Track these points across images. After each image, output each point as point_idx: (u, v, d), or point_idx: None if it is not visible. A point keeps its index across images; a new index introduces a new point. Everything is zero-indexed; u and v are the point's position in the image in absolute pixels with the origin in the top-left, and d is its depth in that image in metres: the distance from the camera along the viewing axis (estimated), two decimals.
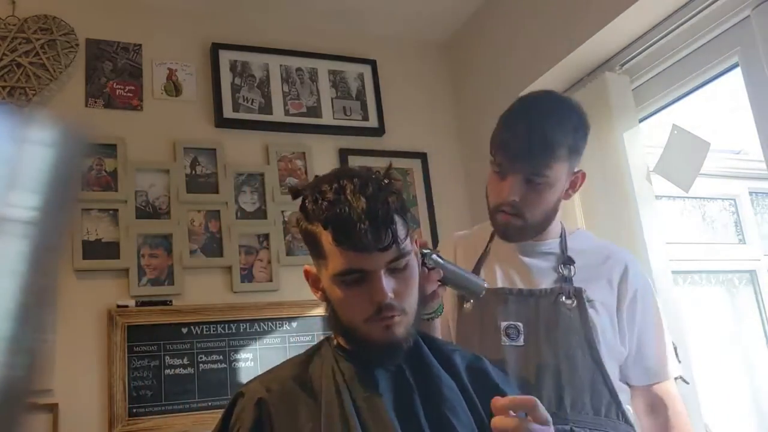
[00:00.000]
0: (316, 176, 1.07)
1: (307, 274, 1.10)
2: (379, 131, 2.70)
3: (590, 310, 1.34)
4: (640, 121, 2.18)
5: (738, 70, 1.89)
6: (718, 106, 2.67)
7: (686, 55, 2.04)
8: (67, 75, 2.28)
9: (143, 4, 2.47)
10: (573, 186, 1.40)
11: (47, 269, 0.53)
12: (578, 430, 1.27)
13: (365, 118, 2.70)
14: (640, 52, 2.13)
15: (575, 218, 2.31)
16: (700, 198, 3.08)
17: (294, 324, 2.33)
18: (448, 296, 1.40)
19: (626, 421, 1.33)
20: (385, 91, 2.75)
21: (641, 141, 2.13)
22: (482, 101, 2.69)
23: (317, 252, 1.02)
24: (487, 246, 1.48)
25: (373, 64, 2.77)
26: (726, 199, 3.14)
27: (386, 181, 1.01)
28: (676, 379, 1.46)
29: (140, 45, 2.44)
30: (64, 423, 1.97)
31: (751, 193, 3.16)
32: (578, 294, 1.35)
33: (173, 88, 2.45)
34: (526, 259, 1.42)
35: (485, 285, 1.27)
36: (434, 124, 2.83)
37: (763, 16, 1.77)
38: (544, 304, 1.35)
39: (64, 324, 2.00)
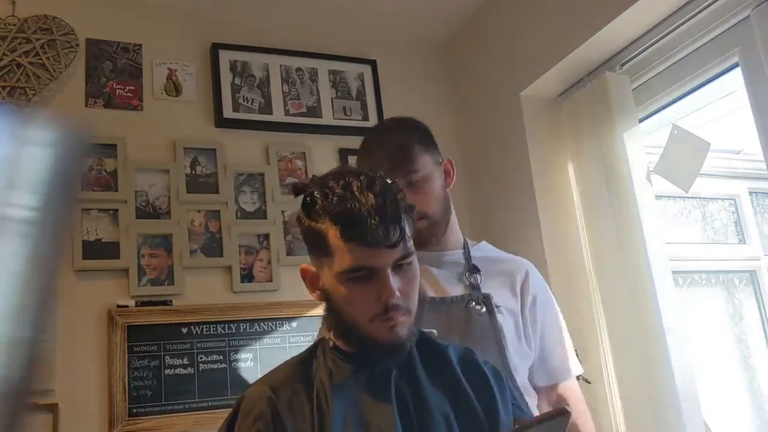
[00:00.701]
0: (314, 175, 1.06)
1: (304, 272, 1.08)
2: None
3: (498, 315, 1.41)
4: (640, 121, 2.18)
5: (738, 70, 1.89)
6: (718, 106, 2.67)
7: (686, 55, 2.04)
8: (67, 75, 2.28)
9: (143, 4, 2.47)
10: (448, 174, 1.54)
11: (47, 269, 0.53)
12: None
13: (365, 118, 2.70)
14: (640, 52, 2.13)
15: (575, 218, 2.32)
16: (700, 198, 3.08)
17: (294, 324, 2.33)
18: None
19: None
20: (385, 91, 2.75)
21: (641, 141, 2.13)
22: (482, 101, 2.70)
23: (321, 250, 1.01)
24: None
25: (373, 64, 2.77)
26: (726, 199, 3.14)
27: (390, 180, 1.01)
28: (578, 379, 1.54)
29: (140, 45, 2.44)
30: (64, 423, 1.97)
31: (751, 193, 3.16)
32: (487, 300, 1.42)
33: (173, 88, 2.45)
34: (433, 269, 1.47)
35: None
36: (434, 124, 2.81)
37: (763, 16, 1.77)
38: (456, 311, 1.41)
39: (64, 324, 2.00)
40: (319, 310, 2.40)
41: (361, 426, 0.97)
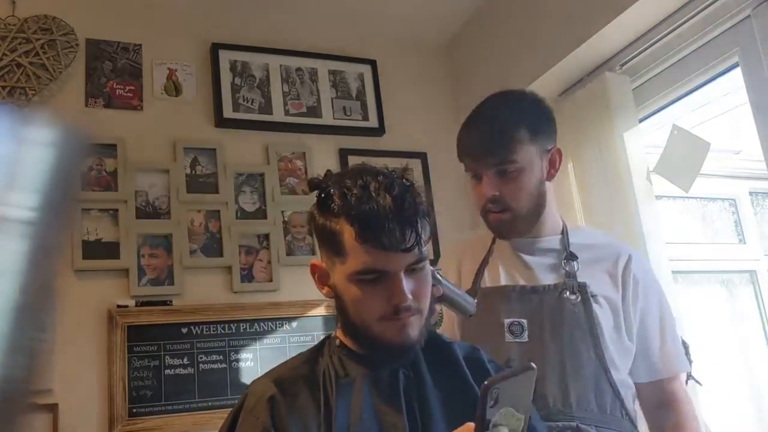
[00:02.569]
0: (329, 171, 1.05)
1: (314, 268, 1.07)
2: (379, 131, 2.70)
3: (594, 305, 1.34)
4: (640, 121, 2.18)
5: (738, 70, 1.89)
6: (718, 106, 2.67)
7: (686, 55, 2.04)
8: (67, 75, 2.28)
9: (143, 4, 2.47)
10: (552, 165, 1.41)
11: (47, 269, 0.53)
12: (584, 427, 1.26)
13: (365, 118, 2.70)
14: (640, 52, 2.13)
15: (575, 218, 2.32)
16: (700, 198, 3.08)
17: (294, 324, 2.33)
18: None
19: (630, 419, 1.33)
20: (385, 91, 2.75)
21: (641, 141, 2.13)
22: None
23: (335, 248, 1.00)
24: (490, 248, 1.48)
25: (373, 64, 2.77)
26: (726, 199, 3.14)
27: (408, 183, 1.00)
28: (688, 379, 1.44)
29: (140, 45, 2.44)
30: (64, 423, 1.97)
31: (751, 193, 3.16)
32: (582, 289, 1.34)
33: (173, 88, 2.45)
34: (527, 257, 1.41)
35: (475, 307, 1.28)
36: (434, 124, 2.83)
37: (763, 16, 1.77)
38: (548, 300, 1.35)
39: (64, 324, 2.00)
40: (320, 310, 2.41)
41: (368, 425, 0.96)
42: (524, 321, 1.34)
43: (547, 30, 2.33)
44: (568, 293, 1.34)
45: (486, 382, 0.77)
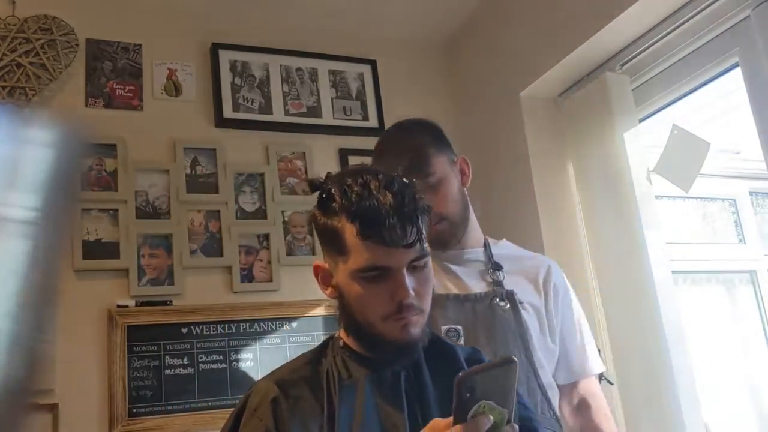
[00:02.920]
0: (329, 173, 1.06)
1: (317, 269, 1.07)
2: (379, 131, 2.70)
3: (522, 311, 1.42)
4: (640, 121, 2.17)
5: (738, 70, 1.89)
6: (718, 106, 2.67)
7: (686, 55, 2.04)
8: (67, 75, 2.28)
9: (143, 4, 2.47)
10: (464, 172, 1.52)
11: (47, 269, 0.53)
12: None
13: (365, 118, 2.70)
14: (640, 52, 2.13)
15: (575, 218, 2.32)
16: (700, 198, 3.09)
17: (294, 324, 2.33)
18: None
19: (556, 419, 1.40)
20: (385, 91, 2.75)
21: (641, 141, 2.13)
22: (482, 101, 2.69)
23: (337, 247, 1.00)
24: None
25: (373, 64, 2.77)
26: (726, 199, 3.14)
27: (408, 181, 1.01)
28: (600, 379, 1.54)
29: (140, 45, 2.44)
30: (64, 423, 1.97)
31: (751, 193, 3.16)
32: (510, 296, 1.43)
33: (173, 88, 2.45)
34: (456, 267, 1.48)
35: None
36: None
37: (763, 16, 1.77)
38: (480, 307, 1.42)
39: (64, 324, 2.00)
40: (320, 310, 2.41)
41: (370, 427, 0.96)
42: (460, 327, 1.40)
43: (547, 30, 2.33)
44: (498, 300, 1.42)
45: (459, 375, 0.77)
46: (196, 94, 2.48)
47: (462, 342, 1.38)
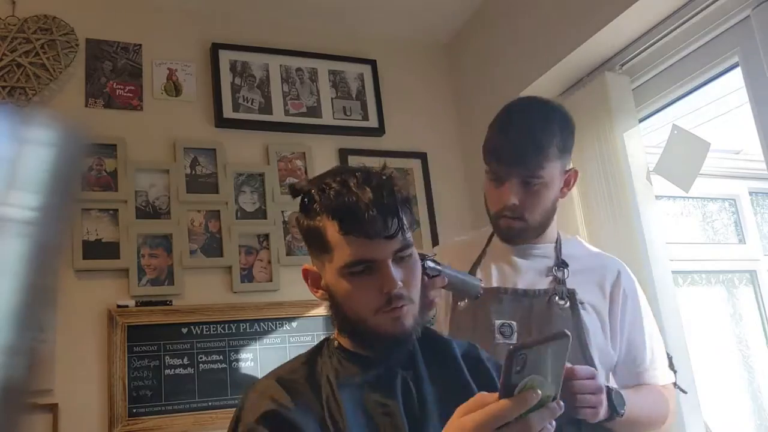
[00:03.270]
0: (308, 178, 1.07)
1: (306, 273, 1.08)
2: (379, 131, 2.70)
3: (582, 312, 1.38)
4: (640, 121, 2.18)
5: (738, 70, 1.89)
6: (718, 106, 2.67)
7: (686, 55, 2.04)
8: (67, 75, 2.28)
9: (143, 4, 2.47)
10: (567, 184, 1.45)
11: (47, 269, 0.53)
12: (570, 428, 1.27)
13: (365, 118, 2.70)
14: (640, 52, 2.13)
15: (575, 218, 2.32)
16: (700, 198, 3.08)
17: (294, 324, 2.33)
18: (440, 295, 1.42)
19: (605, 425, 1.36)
20: (385, 91, 2.75)
21: (641, 141, 2.13)
22: (482, 101, 2.69)
23: (321, 246, 1.01)
24: (484, 249, 1.52)
25: (373, 64, 2.77)
26: (726, 199, 3.14)
27: (386, 176, 1.02)
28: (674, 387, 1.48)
29: (140, 45, 2.44)
30: (64, 423, 1.97)
31: (751, 193, 3.16)
32: (571, 295, 1.38)
33: (173, 88, 2.45)
34: (521, 261, 1.45)
35: (482, 285, 1.29)
36: (434, 124, 2.83)
37: (763, 16, 1.77)
38: (538, 304, 1.38)
39: (64, 324, 2.00)
40: (320, 310, 2.41)
41: (368, 425, 0.96)
42: (514, 323, 1.37)
43: (548, 30, 2.33)
44: (557, 298, 1.38)
45: (512, 346, 0.74)
46: (196, 94, 2.48)
47: (515, 338, 1.35)
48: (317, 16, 2.67)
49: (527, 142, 1.36)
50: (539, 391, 0.75)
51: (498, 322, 1.36)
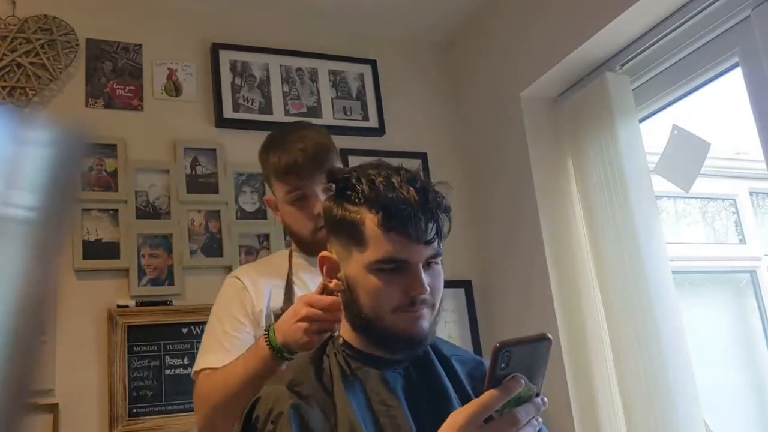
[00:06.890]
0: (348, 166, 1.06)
1: (322, 259, 1.06)
2: (379, 131, 2.70)
3: None
4: (640, 121, 2.18)
5: (738, 70, 1.89)
6: (718, 106, 2.67)
7: (686, 55, 2.04)
8: (67, 75, 2.28)
9: (143, 4, 2.47)
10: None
11: (47, 269, 0.53)
12: None
13: (365, 118, 2.70)
14: (640, 52, 2.13)
15: (575, 218, 2.32)
16: (700, 198, 3.08)
17: None
18: None
19: None
20: (385, 91, 2.75)
21: (641, 141, 2.13)
22: (482, 101, 2.70)
23: (353, 238, 0.99)
24: (289, 267, 1.55)
25: (373, 64, 2.77)
26: (726, 199, 3.14)
27: (427, 179, 1.02)
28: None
29: (140, 45, 2.44)
30: (64, 423, 1.97)
31: (751, 193, 3.16)
32: None
33: (173, 88, 2.45)
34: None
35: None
36: (434, 124, 2.83)
37: (763, 16, 1.77)
38: None
39: (64, 324, 2.00)
40: None
41: (372, 423, 0.96)
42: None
43: (547, 30, 2.33)
44: None
45: (497, 344, 0.77)
46: (196, 94, 2.48)
47: None
48: (317, 16, 2.67)
49: (315, 148, 1.45)
50: (522, 381, 0.79)
51: None
